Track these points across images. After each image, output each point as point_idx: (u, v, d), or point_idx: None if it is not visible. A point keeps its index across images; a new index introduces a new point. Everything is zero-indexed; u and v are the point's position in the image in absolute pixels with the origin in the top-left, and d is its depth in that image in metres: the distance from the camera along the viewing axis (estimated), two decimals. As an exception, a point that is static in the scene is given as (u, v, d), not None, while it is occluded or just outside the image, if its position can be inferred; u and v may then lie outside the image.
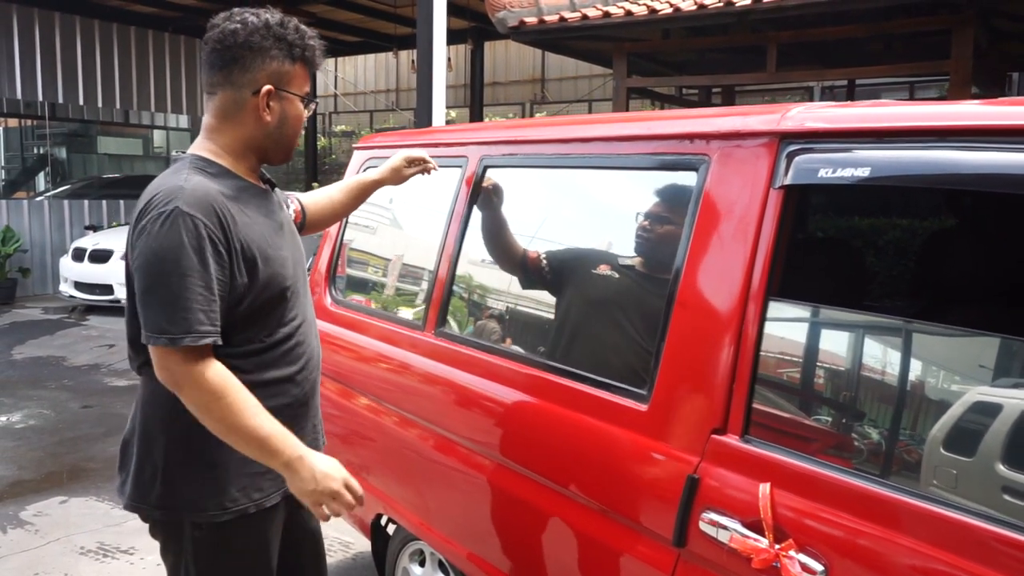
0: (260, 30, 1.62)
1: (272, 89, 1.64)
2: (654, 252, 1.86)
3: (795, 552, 1.35)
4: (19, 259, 10.49)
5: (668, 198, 1.83)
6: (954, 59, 6.00)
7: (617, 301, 1.95)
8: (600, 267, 2.01)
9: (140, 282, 1.55)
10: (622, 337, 1.92)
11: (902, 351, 1.48)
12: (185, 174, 1.60)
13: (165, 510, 1.65)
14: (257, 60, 1.63)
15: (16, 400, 6.05)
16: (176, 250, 1.50)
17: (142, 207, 1.59)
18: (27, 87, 10.97)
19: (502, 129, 2.45)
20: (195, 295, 1.50)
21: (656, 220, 1.86)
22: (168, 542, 1.72)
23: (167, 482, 1.63)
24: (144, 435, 1.67)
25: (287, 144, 1.73)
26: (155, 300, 1.51)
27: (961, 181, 1.35)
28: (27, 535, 3.74)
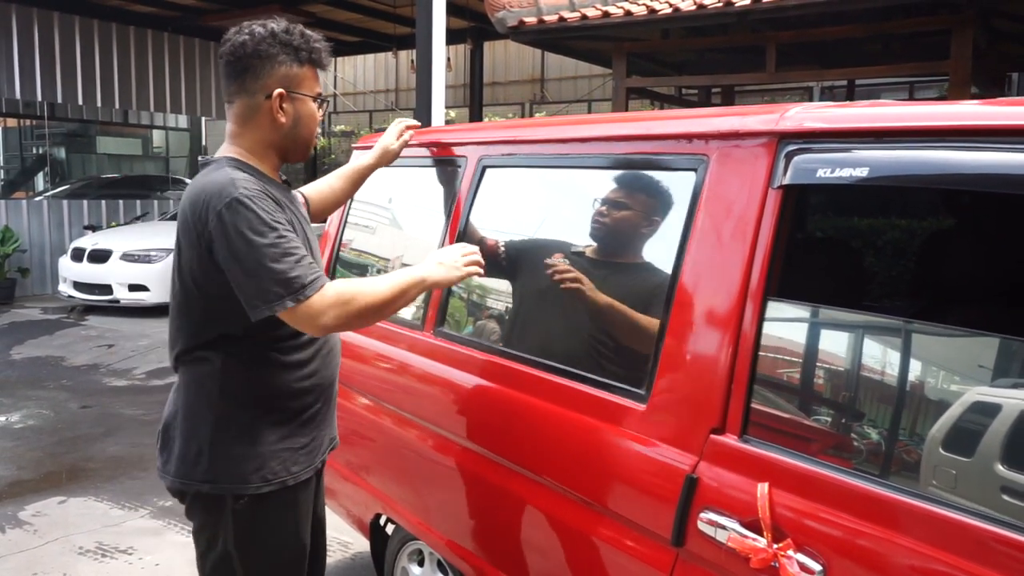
0: (267, 39, 1.76)
1: (283, 92, 1.77)
2: (614, 239, 1.95)
3: (793, 552, 1.35)
4: (18, 259, 10.49)
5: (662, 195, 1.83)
6: (953, 59, 6.01)
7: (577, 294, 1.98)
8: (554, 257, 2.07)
9: (236, 267, 1.64)
10: (609, 330, 1.91)
11: (901, 351, 1.48)
12: (226, 171, 1.73)
13: (212, 484, 1.76)
14: (267, 67, 1.76)
15: (15, 400, 6.05)
16: (251, 227, 1.63)
17: (199, 208, 1.68)
18: (26, 87, 10.97)
19: (501, 129, 2.45)
20: (286, 251, 1.64)
21: (615, 207, 1.94)
22: (208, 517, 1.81)
23: (213, 458, 1.75)
24: (189, 416, 1.79)
25: (304, 142, 1.87)
26: (259, 275, 1.62)
27: (959, 181, 1.35)
28: (26, 535, 3.74)
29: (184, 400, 1.81)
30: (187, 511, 1.87)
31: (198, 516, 1.84)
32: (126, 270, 9.21)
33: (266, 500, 1.78)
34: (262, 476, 1.76)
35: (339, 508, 2.88)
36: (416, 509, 2.39)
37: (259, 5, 11.13)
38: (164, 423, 1.86)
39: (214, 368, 1.76)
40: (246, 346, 1.75)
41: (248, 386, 1.77)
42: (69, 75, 11.38)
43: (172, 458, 1.81)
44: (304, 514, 1.89)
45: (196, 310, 1.77)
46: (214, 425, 1.76)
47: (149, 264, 9.22)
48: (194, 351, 1.79)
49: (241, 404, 1.76)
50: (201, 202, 1.68)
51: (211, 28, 12.64)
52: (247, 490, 1.75)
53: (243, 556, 1.80)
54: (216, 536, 1.80)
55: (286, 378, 1.79)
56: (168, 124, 18.64)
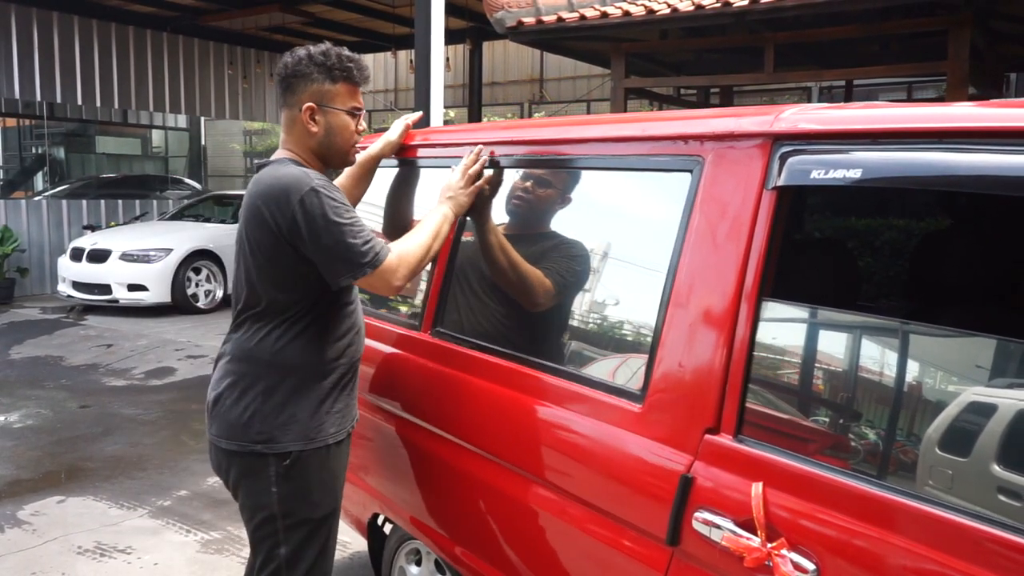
0: (304, 60, 2.02)
1: (314, 106, 2.03)
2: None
3: (787, 551, 1.36)
4: (17, 259, 10.50)
5: (658, 196, 1.84)
6: (951, 60, 6.02)
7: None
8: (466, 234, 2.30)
9: (319, 245, 1.91)
10: (604, 330, 1.92)
11: (896, 351, 1.49)
12: (293, 167, 1.99)
13: (264, 444, 1.98)
14: (301, 84, 2.02)
15: (14, 400, 6.05)
16: (331, 210, 1.90)
17: (278, 196, 1.92)
18: (25, 87, 10.97)
19: (500, 130, 2.45)
20: (360, 228, 1.93)
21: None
22: (257, 476, 2.02)
23: (264, 419, 1.98)
24: (237, 385, 2.02)
25: (340, 150, 2.10)
26: (341, 249, 1.90)
27: (953, 183, 1.36)
28: (24, 534, 3.74)
29: (234, 372, 2.03)
30: (235, 479, 2.06)
31: (246, 481, 2.04)
32: (125, 270, 9.22)
33: (309, 460, 2.01)
34: (306, 435, 2.00)
35: (337, 508, 2.89)
36: (414, 509, 2.40)
37: (258, 6, 11.14)
38: (214, 395, 2.06)
39: (266, 338, 2.00)
40: (296, 319, 2.00)
41: (296, 356, 2.00)
42: (68, 75, 11.38)
43: (224, 424, 2.02)
44: (340, 474, 2.13)
45: (260, 287, 2.00)
46: (265, 390, 1.99)
47: (148, 264, 9.23)
48: (242, 324, 2.05)
49: (289, 371, 2.00)
50: (280, 190, 1.92)
51: (210, 28, 12.65)
52: (296, 446, 1.98)
53: (286, 514, 2.02)
54: (262, 499, 2.02)
55: (327, 351, 2.04)
56: (167, 124, 18.65)
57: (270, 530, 2.04)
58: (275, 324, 2.00)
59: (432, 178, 2.58)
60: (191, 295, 9.51)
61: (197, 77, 13.16)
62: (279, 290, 1.99)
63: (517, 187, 2.23)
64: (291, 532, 2.04)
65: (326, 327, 2.05)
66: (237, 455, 2.03)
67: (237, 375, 2.03)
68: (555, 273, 2.08)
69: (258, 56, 13.99)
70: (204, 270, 9.66)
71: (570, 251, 2.09)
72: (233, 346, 2.07)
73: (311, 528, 2.07)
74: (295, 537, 2.05)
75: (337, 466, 2.12)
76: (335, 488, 2.12)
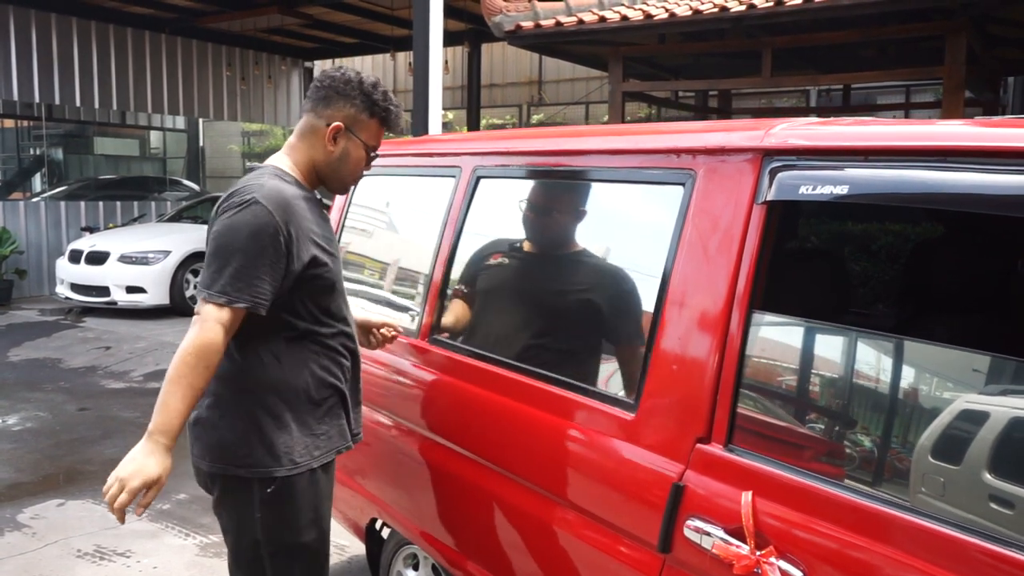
0: (352, 82, 1.99)
1: (341, 127, 1.98)
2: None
3: (775, 559, 1.39)
4: (15, 260, 10.49)
5: (651, 209, 1.87)
6: (947, 65, 6.05)
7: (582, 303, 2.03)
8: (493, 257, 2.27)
9: (208, 250, 1.85)
10: (598, 340, 1.95)
11: (885, 361, 1.52)
12: (265, 178, 1.93)
13: (248, 468, 1.92)
14: (340, 101, 1.99)
15: (13, 402, 6.07)
16: (245, 230, 1.82)
17: (226, 198, 1.90)
18: (24, 88, 10.97)
19: (495, 140, 2.48)
20: (247, 268, 1.81)
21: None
22: (239, 501, 1.96)
23: (249, 443, 1.91)
24: (219, 406, 1.95)
25: (344, 178, 2.06)
26: (211, 264, 1.83)
27: (938, 200, 1.39)
28: (24, 538, 3.76)
29: (214, 390, 1.94)
30: (217, 501, 2.01)
31: (229, 502, 1.99)
32: (124, 272, 9.22)
33: (293, 484, 1.94)
34: (291, 460, 1.93)
35: (335, 512, 2.91)
36: (411, 514, 2.42)
37: (257, 8, 11.16)
38: (194, 416, 1.97)
39: (248, 361, 1.93)
40: (271, 343, 1.93)
41: (277, 379, 1.93)
42: (67, 76, 11.38)
43: (205, 446, 1.96)
44: (326, 497, 2.06)
45: None
46: (247, 413, 1.92)
47: (147, 266, 9.24)
48: (228, 344, 1.90)
49: (271, 394, 1.93)
50: (228, 195, 1.89)
51: (208, 29, 12.65)
52: (279, 472, 1.91)
53: (269, 540, 1.96)
54: (245, 525, 1.96)
55: (310, 374, 1.97)
56: (165, 125, 18.67)
57: (253, 555, 1.98)
58: (255, 345, 1.92)
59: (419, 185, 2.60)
60: (189, 297, 9.51)
61: (195, 78, 13.16)
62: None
63: (535, 204, 2.17)
64: (276, 559, 1.98)
65: (308, 350, 1.97)
66: (219, 478, 1.96)
67: (218, 396, 1.95)
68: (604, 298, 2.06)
69: (256, 58, 14.00)
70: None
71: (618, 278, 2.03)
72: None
73: (297, 554, 2.00)
74: (280, 564, 1.99)
75: (324, 489, 2.05)
76: (322, 512, 2.04)
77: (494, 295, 2.34)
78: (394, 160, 2.88)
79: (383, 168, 2.90)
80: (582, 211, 2.15)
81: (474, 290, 2.35)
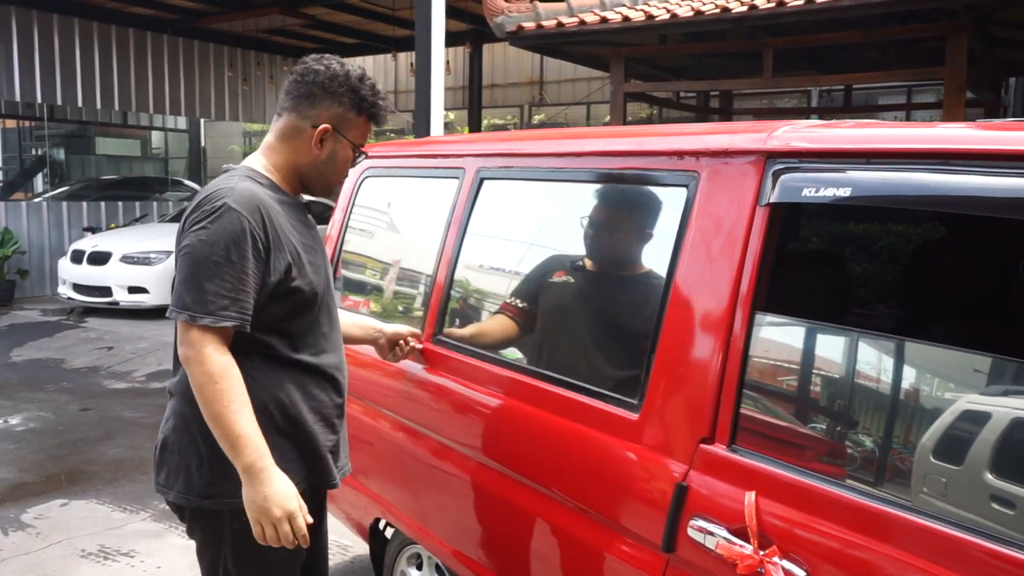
0: (339, 78, 1.82)
1: (329, 128, 1.83)
2: (609, 252, 2.04)
3: (779, 558, 1.40)
4: (17, 261, 10.51)
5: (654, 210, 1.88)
6: (949, 65, 6.06)
7: (587, 305, 2.02)
8: (556, 274, 2.15)
9: (182, 265, 1.70)
10: (602, 341, 1.96)
11: (887, 361, 1.53)
12: (237, 180, 1.78)
13: (212, 499, 1.77)
14: (326, 100, 1.82)
15: (15, 403, 6.08)
16: (219, 240, 1.67)
17: (195, 204, 1.75)
18: (26, 89, 10.99)
19: (498, 142, 2.49)
20: (225, 282, 1.66)
21: (609, 221, 2.02)
22: (208, 534, 1.83)
23: (212, 472, 1.75)
24: (186, 429, 1.78)
25: (329, 180, 1.92)
26: (189, 281, 1.67)
27: (940, 203, 1.40)
28: (28, 538, 3.77)
29: (181, 414, 1.80)
30: (188, 529, 1.89)
31: (199, 534, 1.86)
32: (126, 272, 9.24)
33: None
34: None
35: (339, 512, 2.93)
36: (415, 514, 2.43)
37: (259, 8, 11.17)
38: (162, 438, 1.84)
39: None
40: (243, 362, 1.72)
41: (254, 398, 1.72)
42: (69, 77, 11.40)
43: (170, 473, 1.81)
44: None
45: None
46: (212, 440, 1.73)
47: (149, 266, 9.26)
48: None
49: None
50: (198, 201, 1.75)
51: (210, 30, 12.68)
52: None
53: (243, 573, 1.82)
54: (218, 555, 1.82)
55: (280, 396, 1.80)
56: (167, 125, 18.67)
57: None
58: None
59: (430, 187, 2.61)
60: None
61: (197, 79, 13.19)
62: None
63: (598, 220, 2.06)
64: None
65: (283, 374, 1.80)
66: (186, 509, 1.82)
67: (184, 418, 1.78)
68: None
69: (258, 58, 14.03)
70: (204, 272, 9.67)
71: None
72: (178, 385, 1.81)
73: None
74: None
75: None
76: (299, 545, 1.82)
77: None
78: (397, 162, 2.89)
79: (386, 170, 2.91)
80: (647, 231, 1.99)
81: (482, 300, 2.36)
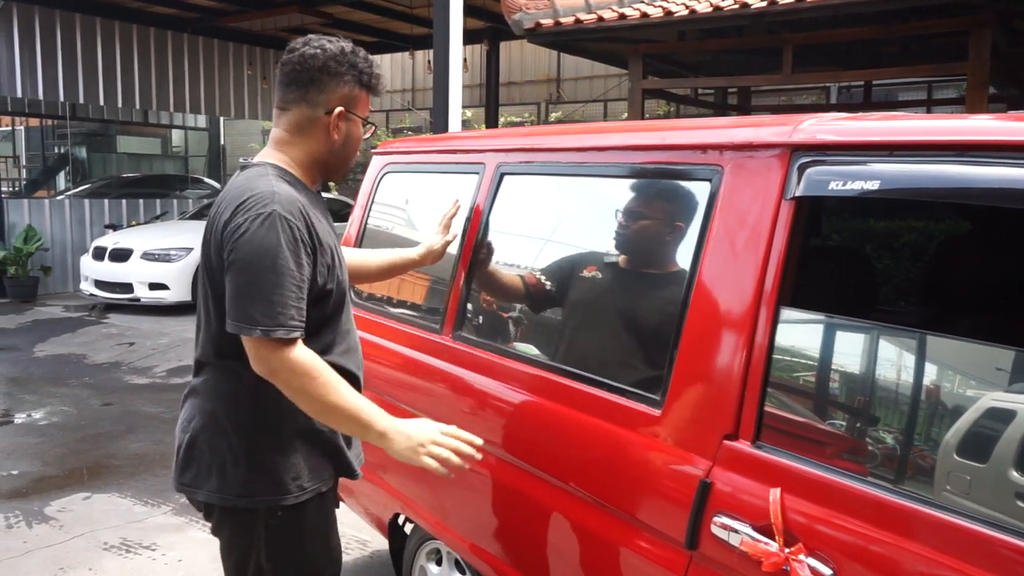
0: (337, 56, 1.79)
1: (343, 111, 1.81)
2: (632, 247, 2.01)
3: (805, 556, 1.38)
4: (40, 257, 10.65)
5: (678, 205, 1.87)
6: (972, 61, 5.98)
7: (610, 300, 2.01)
8: (588, 269, 2.12)
9: (237, 277, 1.66)
10: (625, 336, 1.95)
11: (913, 357, 1.51)
12: (272, 180, 1.74)
13: (249, 497, 1.75)
14: (332, 83, 1.79)
15: (39, 397, 6.16)
16: (274, 250, 1.64)
17: (234, 208, 1.69)
18: (48, 87, 11.12)
19: (519, 137, 2.48)
20: (289, 292, 1.65)
21: (632, 215, 1.98)
22: (240, 533, 1.81)
23: (249, 470, 1.75)
24: (217, 427, 1.78)
25: (346, 161, 1.90)
26: (252, 294, 1.64)
27: (969, 195, 1.37)
28: (51, 530, 3.82)
29: (212, 411, 1.78)
30: (215, 528, 1.86)
31: (227, 531, 1.83)
32: (146, 269, 9.33)
33: (302, 509, 1.79)
34: (299, 485, 1.78)
35: (357, 507, 2.94)
36: (434, 509, 2.44)
37: (278, 7, 11.23)
38: (189, 437, 1.80)
39: (247, 379, 1.71)
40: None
41: (280, 396, 1.71)
42: (91, 75, 11.52)
43: (200, 472, 1.78)
44: (334, 518, 1.94)
45: (224, 315, 1.71)
46: (248, 436, 1.75)
47: (169, 263, 9.34)
48: (225, 359, 1.76)
49: (274, 414, 1.76)
50: (239, 204, 1.69)
51: (230, 29, 12.76)
52: (286, 500, 1.75)
53: (277, 569, 1.80)
54: (248, 553, 1.80)
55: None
56: (187, 124, 18.83)
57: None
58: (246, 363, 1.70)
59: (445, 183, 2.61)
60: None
61: (217, 77, 13.28)
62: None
63: (621, 215, 2.03)
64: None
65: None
66: (217, 508, 1.80)
67: (215, 417, 1.78)
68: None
69: (277, 56, 13.97)
70: (224, 269, 9.74)
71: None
72: (205, 384, 1.82)
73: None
74: None
75: (332, 512, 1.92)
76: (329, 537, 1.92)
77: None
78: (417, 158, 2.89)
79: (406, 166, 2.92)
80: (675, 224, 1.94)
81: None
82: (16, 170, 19.31)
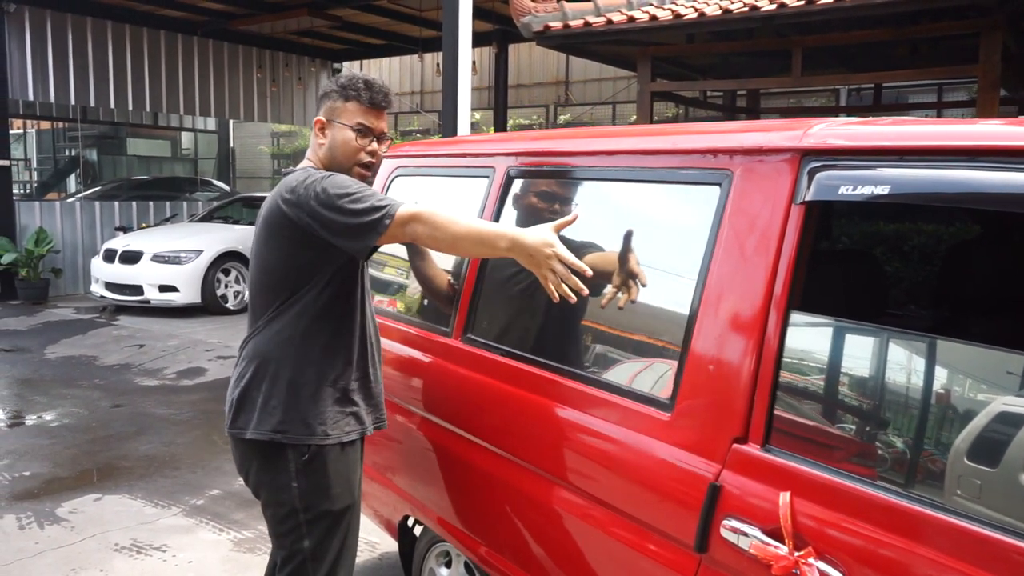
0: (332, 85, 2.25)
1: (323, 120, 2.23)
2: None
3: (814, 559, 1.39)
4: (51, 259, 10.71)
5: (688, 209, 1.87)
6: (982, 63, 5.96)
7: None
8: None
9: (328, 212, 2.01)
10: (635, 340, 1.96)
11: (922, 361, 1.51)
12: (311, 169, 2.17)
13: (283, 433, 2.11)
14: (323, 102, 2.26)
15: (50, 399, 6.19)
16: (343, 185, 2.04)
17: (302, 179, 2.07)
18: (59, 90, 11.19)
19: (529, 140, 2.49)
20: (371, 195, 2.03)
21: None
22: (275, 471, 2.15)
23: (287, 410, 2.11)
24: (264, 378, 2.14)
25: (340, 162, 2.22)
26: (354, 208, 2.00)
27: (980, 200, 1.38)
28: (63, 531, 3.84)
29: (260, 352, 2.15)
30: (257, 471, 2.18)
31: (267, 474, 2.16)
32: (156, 271, 9.38)
33: (326, 454, 2.13)
34: (323, 431, 2.13)
35: (367, 509, 2.94)
36: (444, 511, 2.44)
37: (287, 10, 11.28)
38: (242, 388, 2.16)
39: (291, 333, 2.12)
40: (322, 319, 2.13)
41: (318, 354, 2.13)
42: (101, 79, 11.60)
43: (249, 413, 2.14)
44: (355, 471, 2.24)
45: (277, 288, 2.13)
46: (288, 385, 2.12)
47: (179, 265, 9.39)
48: (272, 324, 2.14)
49: (311, 366, 2.14)
50: (297, 182, 2.08)
51: (239, 32, 12.82)
52: (312, 440, 2.11)
53: (307, 508, 2.14)
54: (283, 494, 2.14)
55: (340, 353, 2.18)
56: (197, 126, 18.92)
57: (293, 524, 2.16)
58: (297, 320, 2.12)
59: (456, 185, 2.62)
60: (220, 296, 9.66)
61: (227, 80, 13.34)
62: (289, 287, 2.12)
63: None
64: (313, 525, 2.15)
65: (339, 330, 2.17)
66: (257, 445, 2.14)
67: (259, 366, 2.15)
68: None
69: (286, 59, 14.15)
70: (233, 271, 9.80)
71: None
72: (254, 345, 2.19)
73: (332, 521, 2.18)
74: (318, 530, 2.16)
75: (352, 461, 2.22)
76: (352, 482, 2.23)
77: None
78: (427, 160, 2.91)
79: (416, 169, 2.93)
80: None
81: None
82: (27, 173, 19.45)
